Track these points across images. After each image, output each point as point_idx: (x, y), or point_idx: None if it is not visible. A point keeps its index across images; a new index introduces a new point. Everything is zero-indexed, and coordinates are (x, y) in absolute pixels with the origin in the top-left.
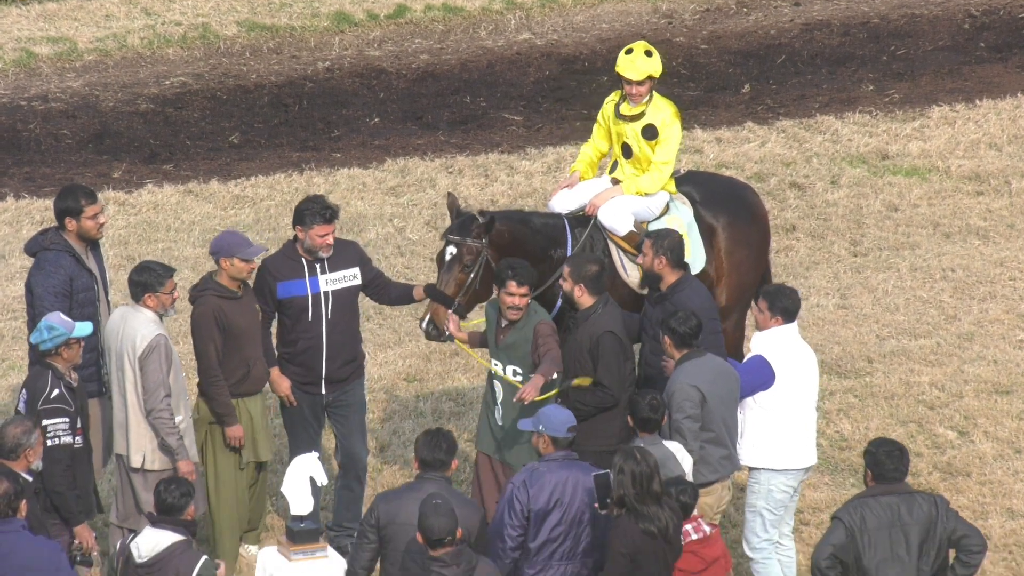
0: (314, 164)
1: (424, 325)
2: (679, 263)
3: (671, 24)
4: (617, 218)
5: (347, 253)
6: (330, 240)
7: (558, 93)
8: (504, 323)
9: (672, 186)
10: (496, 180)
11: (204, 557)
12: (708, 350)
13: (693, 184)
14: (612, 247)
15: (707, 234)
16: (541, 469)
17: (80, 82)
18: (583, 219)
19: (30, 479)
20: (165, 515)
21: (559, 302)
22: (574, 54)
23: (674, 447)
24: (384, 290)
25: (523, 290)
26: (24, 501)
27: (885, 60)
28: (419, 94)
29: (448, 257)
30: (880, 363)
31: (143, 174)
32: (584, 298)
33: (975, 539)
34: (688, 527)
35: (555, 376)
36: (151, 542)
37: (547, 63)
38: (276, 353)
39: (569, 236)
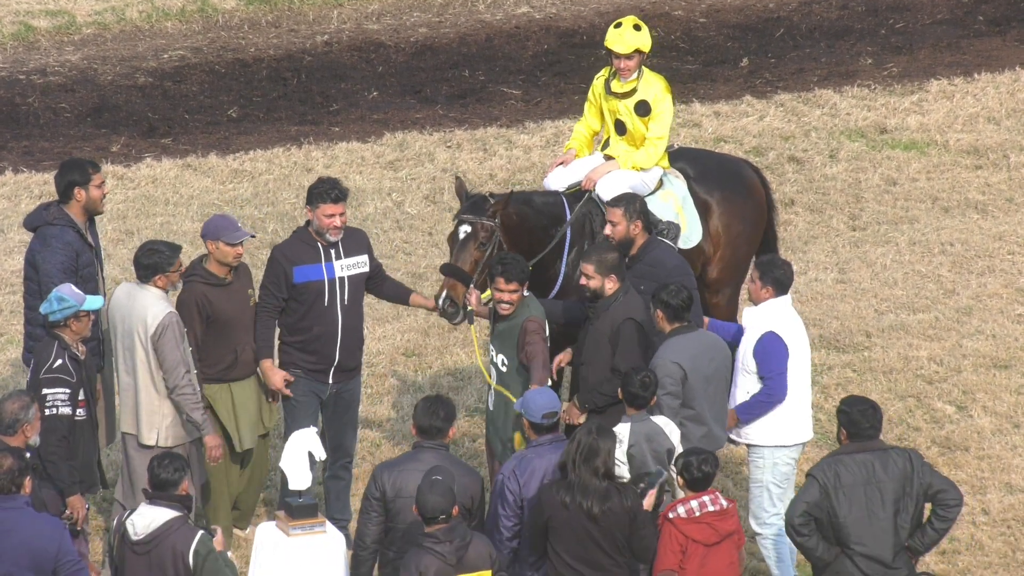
0: (312, 138)
1: (441, 302)
2: (648, 225)
3: None
4: (616, 192)
5: (358, 239)
6: (338, 222)
7: (557, 67)
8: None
9: (666, 161)
10: (495, 154)
11: (201, 532)
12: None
13: (686, 160)
14: None
15: (702, 210)
16: (529, 456)
17: (79, 56)
18: (579, 194)
19: (27, 455)
20: (160, 491)
21: (559, 282)
22: (573, 28)
23: (662, 421)
24: (380, 284)
25: (512, 286)
26: (28, 478)
27: (884, 34)
28: (418, 68)
29: (462, 236)
30: (879, 337)
31: (142, 148)
32: (613, 288)
33: (951, 493)
34: (706, 498)
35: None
36: (147, 519)
37: (546, 37)
38: (277, 344)
39: (568, 212)
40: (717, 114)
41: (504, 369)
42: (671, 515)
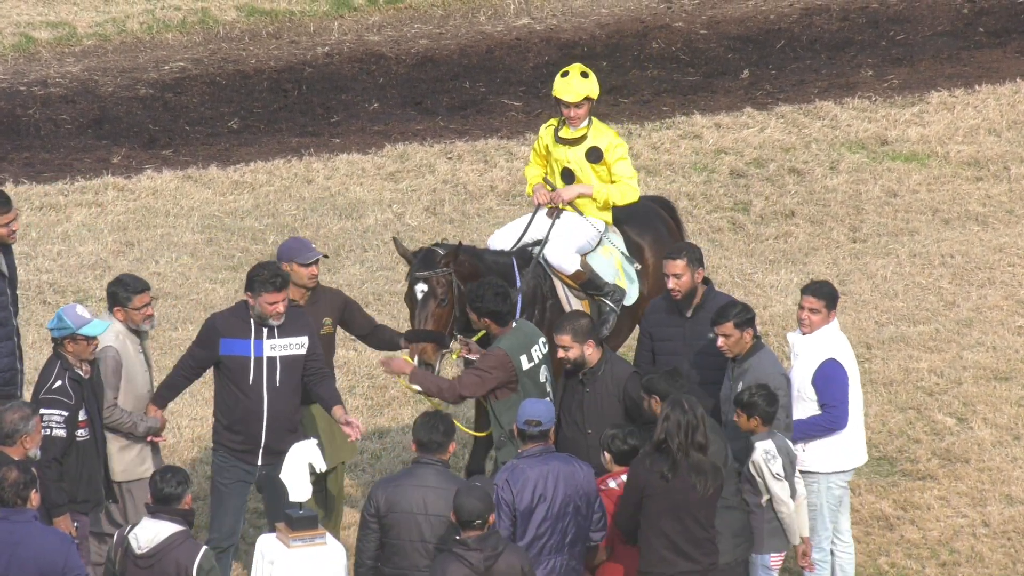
0: (313, 149)
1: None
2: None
3: (670, 9)
4: (565, 257)
5: (300, 321)
6: (280, 308)
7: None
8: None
9: (609, 216)
10: (495, 165)
11: (204, 547)
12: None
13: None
14: (557, 283)
15: (636, 253)
16: (521, 466)
17: (79, 67)
18: (528, 256)
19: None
20: (162, 504)
21: None
22: (573, 39)
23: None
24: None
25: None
26: (35, 491)
27: (884, 45)
28: (418, 79)
29: (420, 296)
30: (879, 349)
31: (142, 159)
32: (594, 353)
33: None
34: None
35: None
36: (150, 532)
37: (546, 48)
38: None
39: (517, 274)
40: (718, 126)
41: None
42: (602, 487)
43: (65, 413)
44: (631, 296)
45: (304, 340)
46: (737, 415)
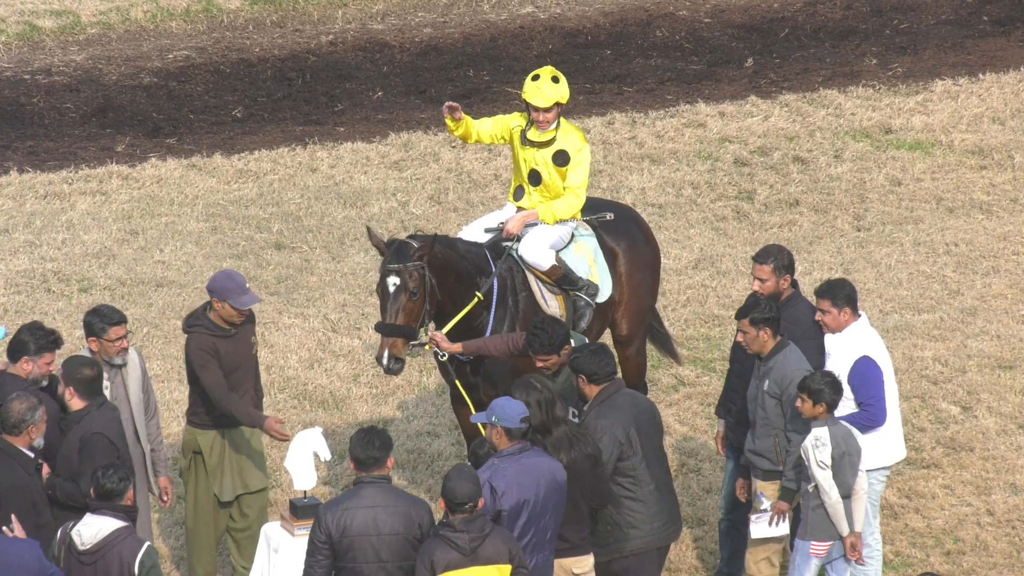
0: (317, 138)
1: (385, 361)
2: (795, 280)
3: None
4: (539, 254)
5: None
6: (53, 368)
7: (561, 67)
8: None
9: (578, 212)
10: (499, 154)
11: (147, 544)
12: (811, 363)
13: (588, 210)
14: (531, 278)
15: (610, 259)
16: (503, 465)
17: (83, 56)
18: (500, 248)
19: (31, 455)
20: (104, 500)
21: (487, 335)
22: (577, 28)
23: (846, 424)
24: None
25: (540, 357)
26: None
27: (888, 34)
28: (422, 68)
29: (392, 289)
30: (883, 338)
31: (146, 148)
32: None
33: None
34: None
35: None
36: (93, 529)
37: (550, 37)
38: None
39: (492, 265)
40: (722, 114)
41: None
42: None
43: None
44: (604, 291)
45: None
46: (802, 400)
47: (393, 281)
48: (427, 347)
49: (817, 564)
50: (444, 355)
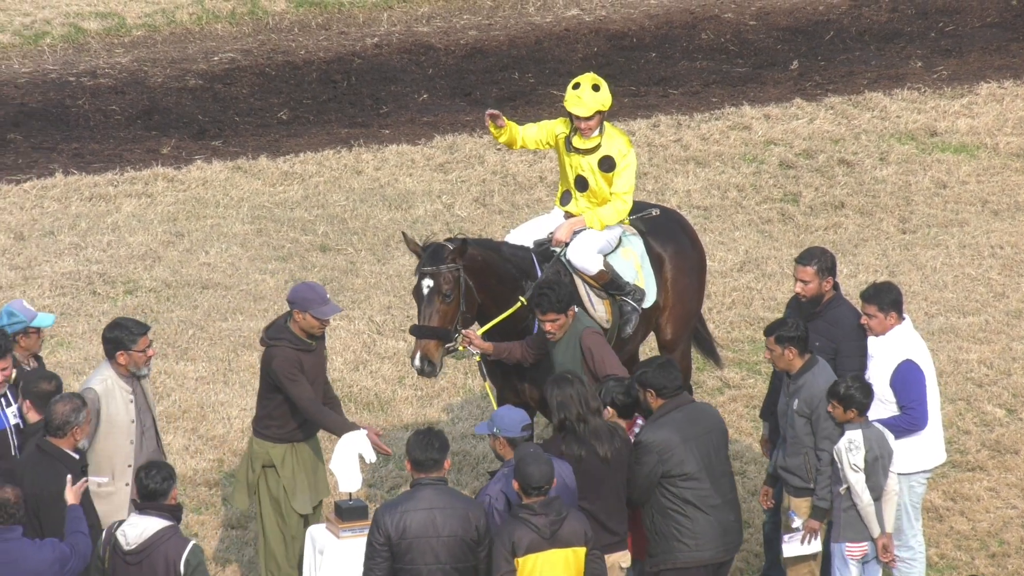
0: (363, 140)
1: (417, 363)
2: (836, 282)
3: (720, 0)
4: (587, 259)
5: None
6: (11, 374)
7: (606, 70)
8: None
9: (626, 217)
10: (545, 156)
11: (192, 542)
12: (852, 365)
13: (632, 210)
14: (579, 282)
15: (656, 264)
16: (513, 475)
17: (129, 58)
18: (547, 253)
19: (76, 457)
20: (149, 500)
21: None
22: (622, 30)
23: (879, 427)
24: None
25: (549, 316)
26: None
27: (933, 37)
28: (467, 70)
29: (426, 291)
30: (928, 340)
31: (192, 150)
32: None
33: None
34: (640, 421)
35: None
36: (138, 528)
37: (595, 39)
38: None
39: (538, 269)
40: (767, 117)
41: None
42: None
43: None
44: (650, 297)
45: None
46: (833, 407)
47: (427, 284)
48: (461, 348)
49: (856, 566)
50: (476, 353)
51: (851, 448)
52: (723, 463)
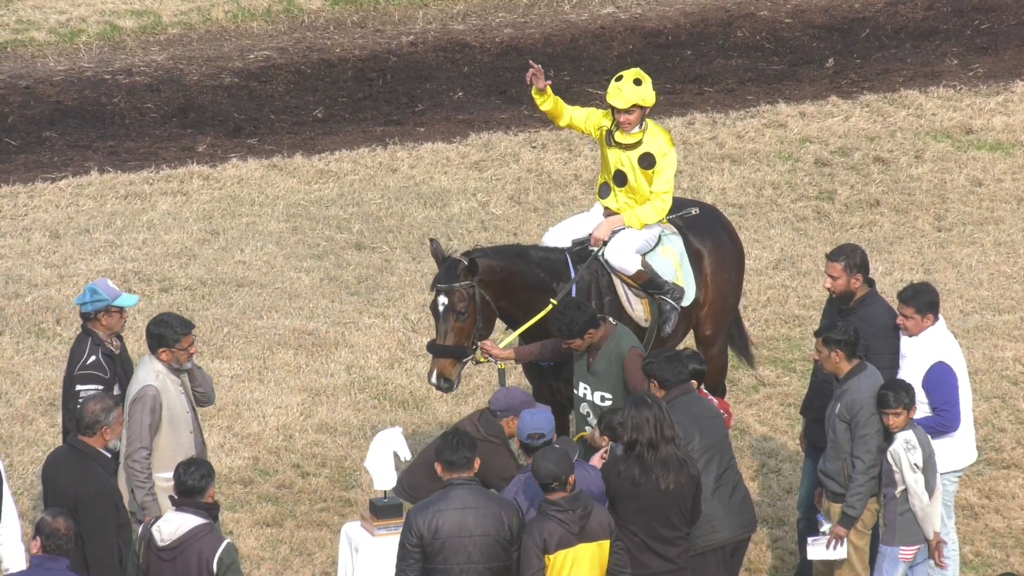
0: (398, 138)
1: (434, 380)
2: (868, 277)
3: None
4: (625, 258)
5: None
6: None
7: (642, 67)
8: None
9: (664, 216)
10: (579, 154)
11: (227, 541)
12: (882, 363)
13: (672, 208)
14: (617, 282)
15: (695, 259)
16: (531, 481)
17: (164, 56)
18: (584, 253)
19: (109, 456)
20: (186, 497)
21: None
22: (658, 28)
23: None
24: None
25: (574, 343)
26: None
27: (969, 34)
28: (503, 68)
29: (441, 309)
30: (964, 338)
31: (227, 148)
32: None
33: None
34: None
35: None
36: (173, 525)
37: (631, 37)
38: None
39: (572, 270)
40: (802, 114)
41: (605, 404)
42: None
43: (100, 387)
44: (689, 295)
45: None
46: (887, 416)
47: (442, 301)
48: (482, 359)
49: (904, 568)
50: (497, 362)
51: (909, 448)
52: (726, 449)
